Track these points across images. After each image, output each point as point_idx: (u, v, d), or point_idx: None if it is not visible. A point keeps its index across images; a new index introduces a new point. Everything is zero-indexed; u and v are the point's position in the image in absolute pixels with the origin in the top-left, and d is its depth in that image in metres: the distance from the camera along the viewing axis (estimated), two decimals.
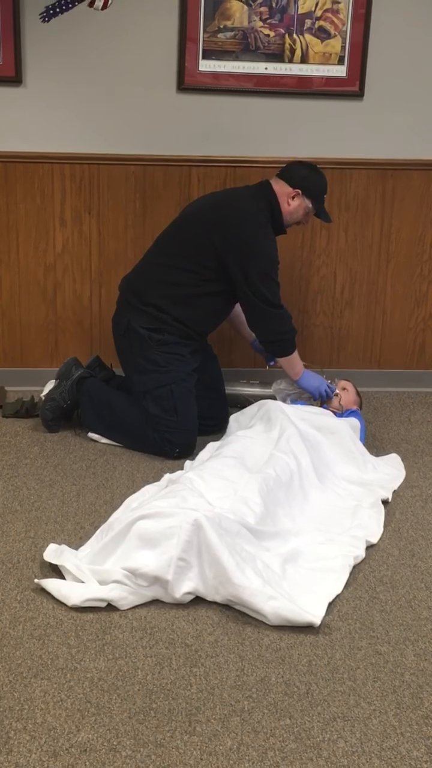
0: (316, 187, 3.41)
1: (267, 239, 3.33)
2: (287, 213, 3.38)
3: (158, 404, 3.31)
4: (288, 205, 3.37)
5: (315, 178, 3.41)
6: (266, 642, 2.26)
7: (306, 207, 3.40)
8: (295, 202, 3.37)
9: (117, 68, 3.69)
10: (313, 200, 3.41)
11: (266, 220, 3.34)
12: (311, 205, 3.41)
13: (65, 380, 3.48)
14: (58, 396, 3.47)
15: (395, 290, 4.08)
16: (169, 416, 3.30)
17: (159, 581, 2.39)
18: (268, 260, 3.32)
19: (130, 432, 3.38)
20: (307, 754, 1.90)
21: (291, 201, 3.37)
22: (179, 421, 3.31)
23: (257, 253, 3.29)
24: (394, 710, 2.04)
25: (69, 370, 3.51)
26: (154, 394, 3.32)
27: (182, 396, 3.33)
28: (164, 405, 3.31)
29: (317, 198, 3.42)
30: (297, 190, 3.36)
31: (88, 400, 3.45)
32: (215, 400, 3.58)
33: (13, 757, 1.86)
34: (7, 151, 3.72)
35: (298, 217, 3.42)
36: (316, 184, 3.41)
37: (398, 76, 3.82)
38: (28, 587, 2.46)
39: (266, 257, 3.31)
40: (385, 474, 3.21)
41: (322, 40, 3.73)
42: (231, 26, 3.67)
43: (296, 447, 3.00)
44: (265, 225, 3.33)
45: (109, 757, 1.87)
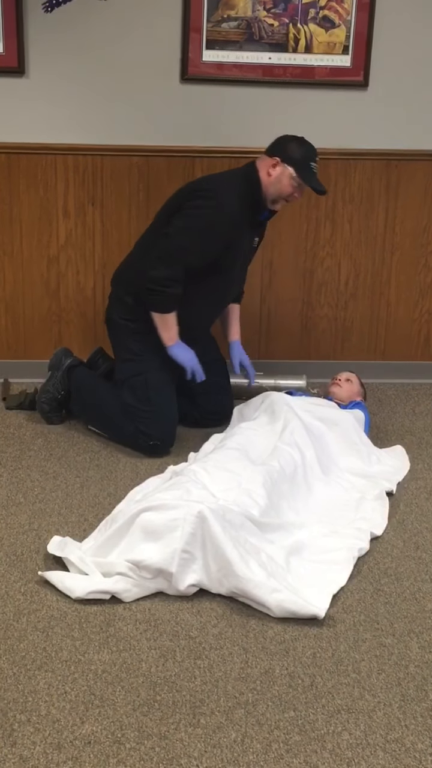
0: (298, 154, 3.19)
1: (216, 213, 3.15)
2: (268, 184, 3.19)
3: (133, 393, 3.27)
4: (269, 176, 3.18)
5: (297, 145, 3.21)
6: (270, 634, 2.26)
7: (290, 175, 3.17)
8: (276, 171, 3.17)
9: (120, 59, 3.67)
10: (296, 167, 3.17)
11: (232, 198, 3.17)
12: (295, 173, 3.17)
13: (56, 371, 3.48)
14: (51, 388, 3.46)
15: (399, 281, 4.06)
16: (143, 406, 3.25)
17: (163, 573, 2.39)
18: (200, 228, 3.15)
19: (110, 422, 3.36)
20: (312, 746, 1.90)
21: (271, 170, 3.18)
22: (153, 412, 3.24)
23: (197, 215, 3.16)
24: (398, 702, 2.04)
25: (59, 361, 3.50)
26: (129, 383, 3.30)
27: (157, 386, 3.28)
28: (138, 394, 3.27)
29: (301, 165, 3.18)
30: (276, 158, 3.18)
31: (76, 389, 3.45)
32: (218, 395, 3.53)
33: (17, 749, 1.86)
34: (10, 143, 3.70)
35: (282, 188, 3.19)
36: (299, 150, 3.20)
37: (403, 65, 3.79)
38: (32, 579, 2.45)
39: (201, 224, 3.15)
40: (390, 466, 3.21)
41: (326, 30, 3.71)
42: (235, 16, 3.65)
43: (300, 439, 3.00)
44: (224, 203, 3.15)
45: (113, 750, 1.86)
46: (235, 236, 3.22)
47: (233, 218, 3.18)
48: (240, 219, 3.20)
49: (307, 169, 3.19)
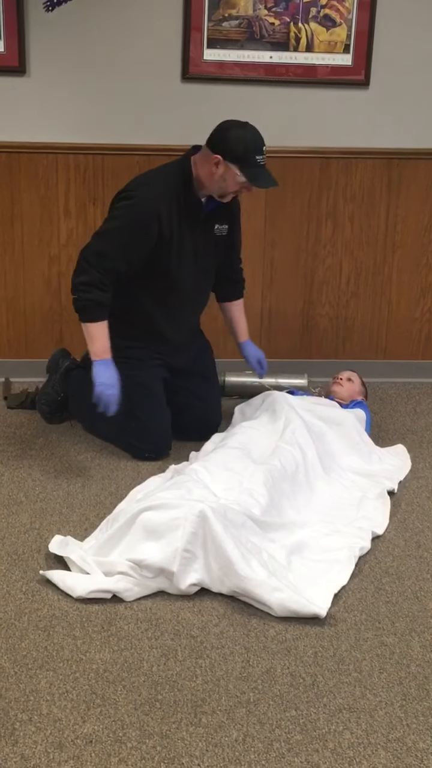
0: (241, 149, 2.92)
1: (133, 212, 3.01)
2: (212, 182, 2.99)
3: (120, 410, 3.12)
4: (211, 174, 2.97)
5: (238, 136, 2.93)
6: (272, 633, 2.26)
7: (233, 174, 2.94)
8: (219, 170, 2.95)
9: (121, 58, 3.67)
10: (240, 165, 2.93)
11: (153, 195, 3.01)
12: (238, 171, 2.94)
13: (54, 373, 3.45)
14: (50, 390, 3.44)
15: (401, 280, 4.06)
16: (130, 422, 3.17)
17: (164, 573, 2.39)
18: (116, 229, 3.02)
19: (106, 429, 3.30)
20: (313, 745, 1.90)
21: (214, 169, 2.95)
22: (141, 426, 3.18)
23: (114, 217, 3.07)
24: (400, 701, 2.04)
25: (57, 363, 3.47)
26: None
27: (142, 401, 3.18)
28: (125, 409, 3.13)
29: (245, 162, 2.92)
30: (217, 156, 2.94)
31: (73, 393, 3.40)
32: (204, 409, 3.37)
33: (18, 748, 1.86)
34: (11, 142, 3.70)
35: (227, 186, 2.99)
36: (240, 144, 2.92)
37: (404, 64, 3.79)
38: (33, 579, 2.45)
39: (117, 225, 3.03)
40: (391, 465, 3.20)
41: (327, 29, 3.71)
42: (236, 15, 3.65)
43: (301, 438, 3.00)
44: (142, 201, 3.00)
45: (114, 749, 1.86)
46: (164, 236, 3.04)
47: (154, 216, 3.00)
48: (167, 216, 3.03)
49: (252, 166, 2.94)
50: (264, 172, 2.98)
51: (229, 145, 2.94)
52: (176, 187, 3.05)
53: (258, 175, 2.96)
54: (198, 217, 3.12)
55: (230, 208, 3.23)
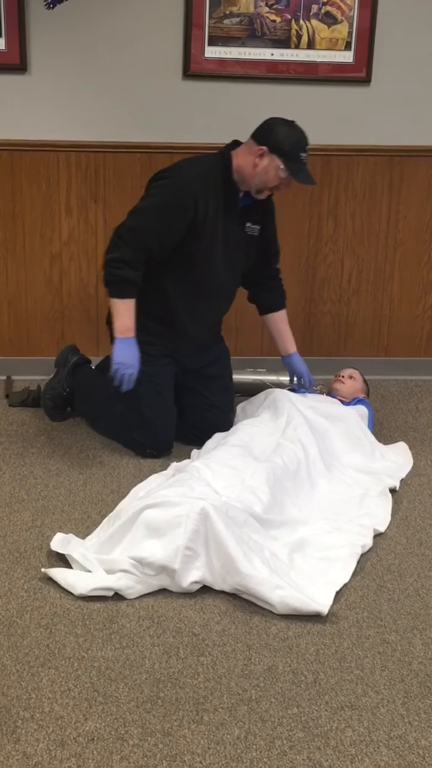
0: (287, 144, 2.97)
1: (170, 191, 3.01)
2: (253, 175, 3.01)
3: (127, 403, 3.17)
4: (254, 166, 3.00)
5: (286, 132, 2.99)
6: (274, 631, 2.26)
7: (276, 167, 2.98)
8: (263, 162, 2.98)
9: (122, 55, 3.67)
10: (285, 159, 2.97)
11: (192, 178, 3.02)
12: (282, 164, 2.97)
13: (62, 368, 3.45)
14: (56, 384, 3.44)
15: (402, 278, 4.06)
16: (136, 417, 3.17)
17: (166, 570, 2.39)
18: (152, 207, 3.02)
19: (110, 424, 3.31)
20: (315, 743, 1.90)
21: (258, 160, 2.98)
22: (146, 423, 3.16)
23: (151, 195, 3.07)
24: (402, 699, 2.04)
25: (65, 357, 3.47)
26: (121, 394, 3.15)
27: (149, 397, 3.15)
28: (131, 405, 3.16)
29: (290, 157, 2.97)
30: (263, 147, 2.98)
31: (78, 388, 3.41)
32: (207, 412, 3.31)
33: (20, 746, 1.86)
34: (12, 140, 3.70)
35: (268, 179, 3.01)
36: (287, 139, 2.98)
37: (406, 61, 3.78)
38: (35, 576, 2.46)
39: (153, 203, 3.02)
40: (393, 462, 3.20)
41: (328, 26, 3.70)
42: (237, 12, 3.65)
43: (303, 436, 2.99)
44: (181, 181, 3.01)
45: (116, 746, 1.87)
46: (199, 220, 3.02)
47: (191, 199, 2.99)
48: (204, 201, 3.01)
49: (296, 161, 2.99)
50: (306, 169, 3.02)
51: (276, 138, 2.98)
52: (215, 174, 3.05)
53: (300, 170, 3.00)
54: (233, 208, 3.11)
55: (264, 210, 3.24)
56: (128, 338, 3.06)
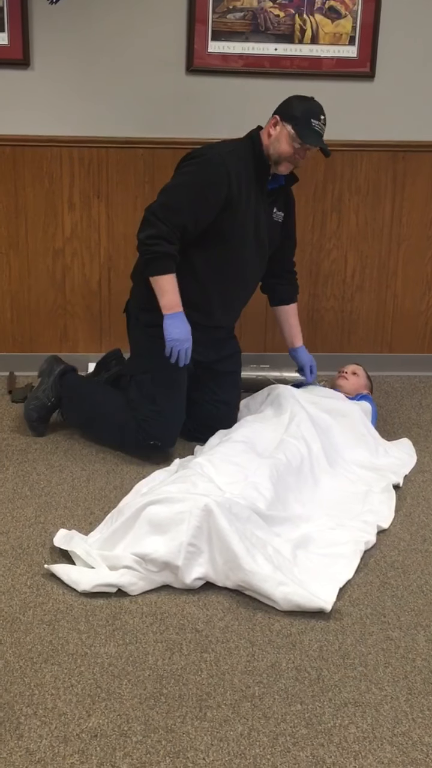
0: (299, 110, 3.02)
1: (205, 169, 3.01)
2: (268, 145, 3.05)
3: (139, 390, 3.14)
4: (269, 136, 3.05)
5: (299, 101, 3.06)
6: (277, 627, 2.26)
7: (288, 134, 3.01)
8: (276, 131, 3.04)
9: (125, 50, 3.66)
10: (295, 124, 3.00)
11: (225, 155, 3.03)
12: (293, 130, 3.01)
13: (47, 377, 3.34)
14: (41, 394, 3.31)
15: (406, 274, 4.05)
16: (147, 404, 3.11)
17: (169, 567, 2.38)
18: (187, 184, 3.01)
19: (106, 425, 3.23)
20: (318, 739, 1.89)
21: (272, 130, 3.05)
22: (156, 412, 3.10)
23: (185, 172, 3.05)
24: (405, 696, 2.04)
25: (50, 367, 3.36)
26: (136, 379, 3.17)
27: (163, 385, 3.12)
28: (144, 392, 3.12)
29: (299, 121, 3.01)
30: (276, 116, 3.06)
31: (68, 394, 3.32)
32: (213, 407, 3.29)
33: (23, 742, 1.86)
34: (14, 135, 3.69)
35: (281, 148, 3.03)
36: (300, 106, 3.04)
37: (410, 56, 3.77)
38: (38, 573, 2.45)
39: (188, 180, 3.02)
40: (397, 458, 3.20)
41: (332, 21, 3.69)
42: (240, 7, 3.63)
43: (307, 432, 2.99)
44: (215, 159, 3.01)
45: (119, 743, 1.86)
46: (233, 196, 3.01)
47: (225, 174, 2.99)
48: (236, 178, 3.02)
49: (306, 127, 3.01)
50: (316, 134, 3.03)
51: (288, 106, 3.05)
52: (246, 155, 3.07)
53: (308, 134, 3.01)
54: (263, 189, 3.13)
55: (288, 199, 3.30)
56: (177, 313, 3.02)
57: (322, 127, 3.05)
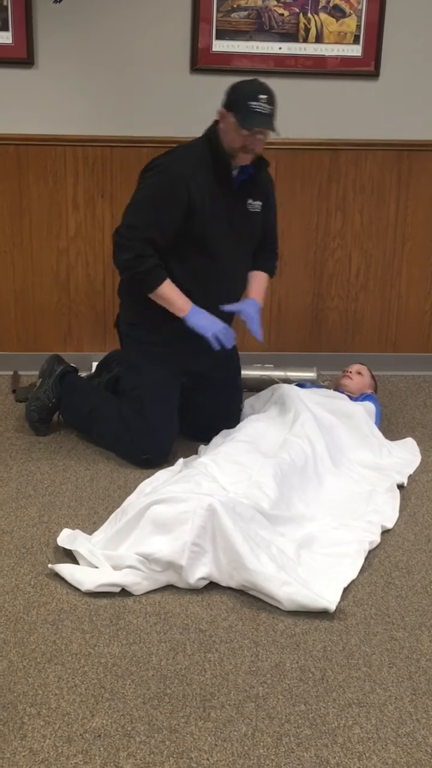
0: (236, 95, 2.91)
1: (161, 180, 2.97)
2: (222, 139, 2.97)
3: (130, 406, 3.11)
4: (220, 132, 2.97)
5: (236, 87, 2.93)
6: (281, 627, 2.25)
7: (233, 124, 2.90)
8: (223, 123, 2.95)
9: (130, 49, 3.65)
10: (235, 111, 2.89)
11: (183, 162, 2.97)
12: (234, 118, 2.89)
13: (48, 378, 3.33)
14: (42, 395, 3.31)
15: (411, 273, 4.04)
16: (138, 420, 3.08)
17: (173, 566, 2.38)
18: (146, 198, 2.98)
19: (102, 431, 3.22)
20: (322, 740, 1.89)
21: (222, 124, 2.96)
22: (147, 428, 3.06)
23: (143, 188, 3.03)
24: (410, 696, 2.03)
25: (51, 367, 3.35)
26: (128, 395, 3.14)
27: (153, 402, 3.08)
28: (135, 408, 3.09)
29: (239, 107, 2.88)
30: (221, 109, 2.96)
31: (68, 396, 3.31)
32: (217, 417, 3.25)
33: (27, 742, 1.85)
34: (19, 134, 3.69)
35: (231, 139, 2.94)
36: (238, 92, 2.91)
37: (414, 55, 3.76)
38: (41, 572, 2.45)
39: (146, 194, 2.99)
40: (401, 458, 3.19)
41: (337, 19, 3.68)
42: (245, 6, 3.63)
43: (311, 431, 2.98)
44: (171, 168, 2.96)
45: (123, 743, 1.86)
46: (195, 202, 2.95)
47: (183, 183, 2.93)
48: (195, 183, 2.95)
49: (246, 111, 2.87)
50: (259, 115, 2.88)
51: (228, 94, 2.95)
52: (205, 156, 3.01)
53: (250, 118, 2.88)
54: (229, 186, 3.06)
55: (264, 185, 3.20)
56: (191, 309, 2.99)
57: (265, 107, 2.89)
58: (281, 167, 3.82)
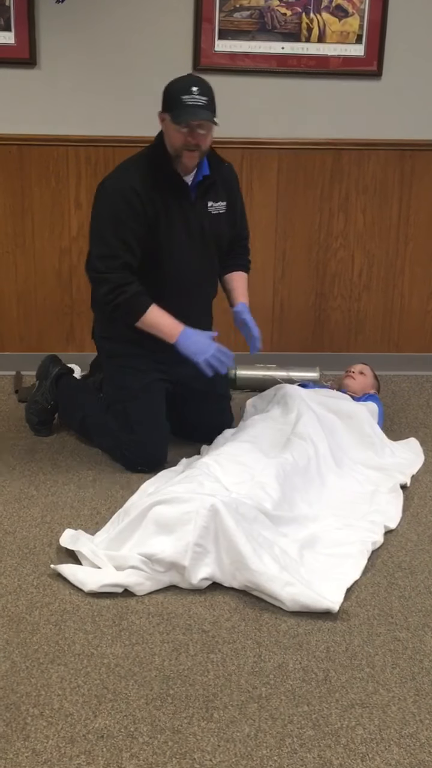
0: (167, 95, 2.83)
1: (109, 203, 2.90)
2: (166, 144, 2.90)
3: (117, 420, 3.09)
4: (164, 135, 2.90)
5: (168, 86, 2.85)
6: (284, 628, 2.25)
7: (170, 123, 2.83)
8: (163, 126, 2.89)
9: (132, 49, 3.65)
10: (169, 109, 2.81)
11: (128, 178, 2.90)
12: (169, 116, 2.82)
13: (44, 380, 3.31)
14: (40, 398, 3.30)
15: (413, 273, 4.04)
16: (126, 435, 3.05)
17: (176, 567, 2.38)
18: (104, 226, 2.92)
19: (97, 436, 3.20)
20: (326, 741, 1.89)
21: (162, 127, 2.90)
22: (136, 440, 3.03)
23: (96, 215, 2.97)
24: (413, 697, 2.03)
25: (46, 369, 3.33)
26: (112, 410, 3.11)
27: (138, 414, 3.04)
28: (120, 422, 3.07)
29: (172, 104, 2.80)
30: (159, 113, 2.89)
31: (63, 401, 3.29)
32: (208, 416, 3.22)
33: (30, 743, 1.85)
34: (21, 134, 3.69)
35: (172, 140, 2.86)
36: (168, 90, 2.84)
37: (417, 54, 3.76)
38: (44, 573, 2.45)
39: (103, 221, 2.93)
40: (404, 459, 3.19)
41: (339, 19, 3.68)
42: (247, 5, 3.63)
43: (314, 432, 2.98)
44: (116, 188, 2.90)
45: (126, 744, 1.86)
46: (149, 217, 2.89)
47: (135, 196, 2.86)
48: (146, 194, 2.88)
49: (179, 107, 2.78)
50: (192, 108, 2.78)
51: (163, 96, 2.87)
52: (151, 166, 2.93)
53: (183, 112, 2.78)
54: (184, 194, 2.96)
55: (225, 183, 3.08)
56: (182, 332, 2.91)
57: (198, 98, 2.79)
58: (284, 167, 3.82)
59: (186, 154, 2.87)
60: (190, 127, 2.81)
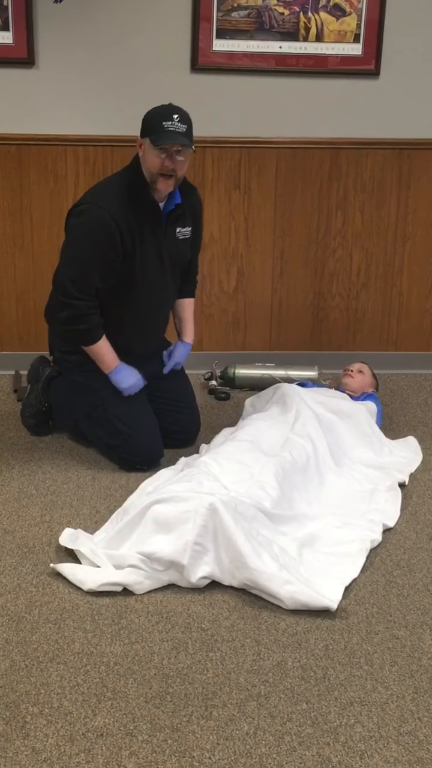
0: (147, 121, 2.89)
1: (89, 230, 2.94)
2: (143, 169, 2.93)
3: (101, 427, 3.10)
4: (141, 159, 2.94)
5: (148, 113, 2.91)
6: (283, 626, 2.26)
7: (148, 147, 2.87)
8: (140, 151, 2.93)
9: (130, 49, 3.65)
10: (149, 134, 2.86)
11: (108, 204, 2.91)
12: (148, 139, 2.86)
13: (36, 383, 3.32)
14: (34, 401, 3.30)
15: (412, 272, 4.04)
16: (114, 438, 3.07)
17: (175, 565, 2.38)
18: (80, 251, 2.97)
19: (97, 440, 3.18)
20: (324, 738, 1.89)
21: (139, 152, 2.94)
22: (126, 441, 3.05)
23: (72, 239, 3.01)
24: (411, 695, 2.03)
25: (37, 372, 3.34)
26: (93, 419, 3.12)
27: (120, 413, 3.07)
28: (105, 428, 3.08)
29: (152, 129, 2.85)
30: (137, 138, 2.94)
31: (56, 402, 3.29)
32: (179, 414, 3.26)
33: (29, 741, 1.86)
34: (20, 134, 3.69)
35: (149, 164, 2.89)
36: (148, 117, 2.89)
37: (415, 54, 3.76)
38: (43, 572, 2.46)
39: (79, 246, 2.98)
40: (402, 457, 3.19)
41: (337, 18, 3.68)
42: (245, 5, 3.63)
43: (312, 430, 2.99)
44: (96, 215, 2.90)
45: (125, 742, 1.86)
46: (126, 245, 2.94)
47: (114, 227, 2.90)
48: (125, 224, 2.92)
49: (159, 131, 2.83)
50: (172, 134, 2.83)
51: (142, 123, 2.93)
52: (129, 192, 2.96)
53: (163, 136, 2.83)
54: (158, 221, 3.02)
55: (193, 209, 3.15)
56: (118, 366, 3.07)
57: (179, 126, 2.85)
58: (282, 166, 3.82)
59: (161, 181, 2.92)
60: (168, 151, 2.85)
